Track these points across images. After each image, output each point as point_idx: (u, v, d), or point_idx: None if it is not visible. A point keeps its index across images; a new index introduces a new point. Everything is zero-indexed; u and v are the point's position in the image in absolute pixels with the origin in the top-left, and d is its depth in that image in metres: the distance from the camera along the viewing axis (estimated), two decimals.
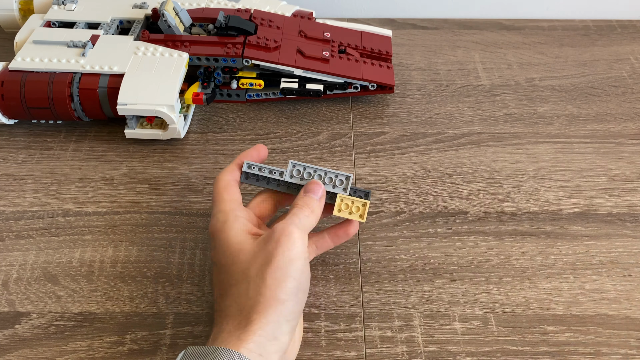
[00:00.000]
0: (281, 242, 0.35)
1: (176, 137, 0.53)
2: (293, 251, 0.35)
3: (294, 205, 0.39)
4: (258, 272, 0.34)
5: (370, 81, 0.56)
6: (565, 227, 0.47)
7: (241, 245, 0.36)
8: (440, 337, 0.40)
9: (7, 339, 0.39)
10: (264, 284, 0.33)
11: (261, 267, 0.34)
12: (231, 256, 0.36)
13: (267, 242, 0.35)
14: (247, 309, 0.33)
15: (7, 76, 0.51)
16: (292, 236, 0.35)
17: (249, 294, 0.34)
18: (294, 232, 0.36)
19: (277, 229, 0.36)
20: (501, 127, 0.55)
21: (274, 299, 0.33)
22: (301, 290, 0.35)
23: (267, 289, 0.33)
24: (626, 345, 0.39)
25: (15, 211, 0.47)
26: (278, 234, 0.35)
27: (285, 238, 0.35)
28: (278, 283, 0.34)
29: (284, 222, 0.36)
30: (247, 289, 0.34)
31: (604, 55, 0.64)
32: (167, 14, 0.54)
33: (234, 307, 0.34)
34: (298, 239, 0.36)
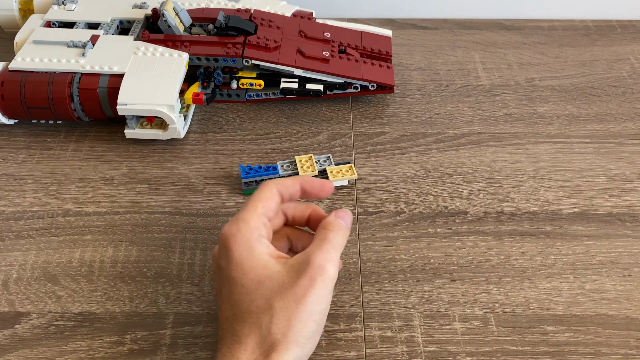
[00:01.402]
0: (315, 281, 0.33)
1: (176, 137, 0.53)
2: (324, 291, 0.34)
3: (327, 227, 0.36)
4: (284, 307, 0.33)
5: (370, 81, 0.56)
6: (565, 227, 0.47)
7: (267, 271, 0.34)
8: (440, 337, 0.40)
9: (7, 339, 0.39)
10: (289, 325, 0.32)
11: (288, 302, 0.33)
12: (256, 281, 0.34)
13: (299, 275, 0.33)
14: (266, 344, 0.32)
15: (7, 76, 0.51)
16: (328, 274, 0.34)
17: (271, 330, 0.32)
18: (330, 270, 0.34)
19: (314, 264, 0.34)
20: (501, 127, 0.55)
21: (294, 342, 0.32)
22: (319, 332, 0.35)
23: (291, 331, 0.32)
24: (626, 345, 0.39)
25: (15, 211, 0.47)
26: (314, 270, 0.33)
27: (321, 278, 0.33)
28: (302, 325, 0.33)
29: (321, 254, 0.34)
30: (269, 322, 0.33)
31: (604, 55, 0.64)
32: (167, 14, 0.54)
33: (253, 339, 0.33)
34: (332, 278, 0.34)
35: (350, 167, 0.49)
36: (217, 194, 0.49)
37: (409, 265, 0.44)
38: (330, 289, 0.34)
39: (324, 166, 0.49)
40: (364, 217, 0.47)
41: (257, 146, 0.53)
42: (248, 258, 0.34)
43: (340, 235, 0.36)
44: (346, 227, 0.38)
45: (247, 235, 0.35)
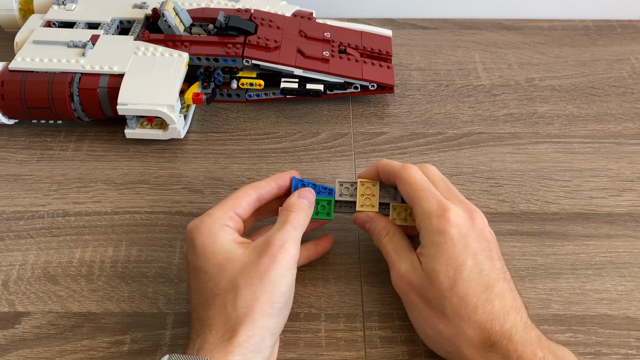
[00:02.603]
0: (276, 258, 0.34)
1: (176, 137, 0.53)
2: (286, 267, 0.35)
3: (288, 209, 0.38)
4: (248, 284, 0.33)
5: (370, 81, 0.56)
6: (565, 227, 0.47)
7: (229, 255, 0.35)
8: None
9: (7, 339, 0.39)
10: (254, 297, 0.33)
11: (252, 279, 0.34)
12: (217, 265, 0.35)
13: (261, 254, 0.34)
14: (232, 320, 0.33)
15: (7, 76, 0.51)
16: (288, 252, 0.35)
17: (236, 305, 0.33)
18: (291, 247, 0.35)
19: (274, 241, 0.35)
20: (501, 127, 0.55)
21: (261, 313, 0.33)
22: (287, 305, 0.35)
23: (256, 303, 0.33)
24: (626, 345, 0.39)
25: (15, 211, 0.47)
26: (274, 248, 0.35)
27: (281, 254, 0.34)
28: (267, 297, 0.33)
29: (281, 234, 0.35)
30: (234, 299, 0.33)
31: (604, 55, 0.64)
32: (167, 14, 0.54)
33: (219, 318, 0.33)
34: (293, 255, 0.35)
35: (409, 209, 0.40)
36: (217, 194, 0.49)
37: None
38: (293, 266, 0.35)
39: (386, 198, 0.41)
40: None
41: (257, 146, 0.53)
42: (210, 245, 0.35)
43: (301, 215, 0.38)
44: (308, 205, 0.39)
45: (209, 224, 0.36)
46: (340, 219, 0.47)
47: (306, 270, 0.43)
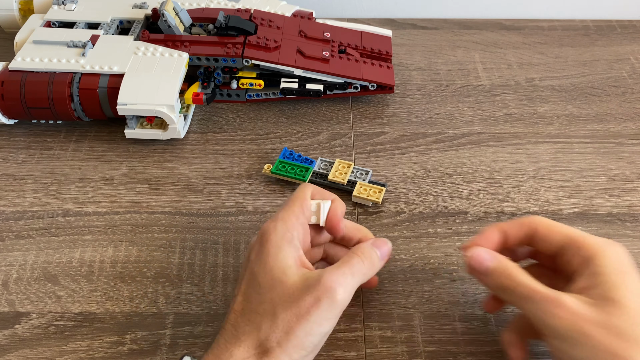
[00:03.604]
0: (320, 302, 0.32)
1: (176, 137, 0.53)
2: (327, 315, 0.33)
3: (356, 252, 0.35)
4: (285, 318, 0.32)
5: (370, 81, 0.56)
6: None
7: (285, 275, 0.33)
8: (440, 337, 0.40)
9: (7, 339, 0.39)
10: (287, 338, 0.32)
11: (291, 315, 0.32)
12: (271, 281, 0.33)
13: (308, 291, 0.32)
14: (262, 348, 0.32)
15: (7, 76, 0.51)
16: (335, 298, 0.32)
17: (269, 337, 0.32)
18: (339, 293, 0.32)
19: (324, 283, 0.32)
20: (501, 127, 0.55)
21: (287, 355, 0.32)
22: (314, 352, 0.34)
23: (287, 343, 0.32)
24: None
25: (15, 211, 0.47)
26: (321, 291, 0.32)
27: (327, 300, 0.32)
28: (298, 342, 0.32)
29: (334, 276, 0.33)
30: (269, 329, 0.32)
31: (604, 55, 0.64)
32: (167, 14, 0.54)
33: (252, 338, 0.32)
34: (340, 303, 0.33)
35: (381, 190, 0.47)
36: (217, 194, 0.49)
37: (409, 265, 0.44)
38: (336, 314, 0.33)
39: (358, 179, 0.49)
40: (364, 217, 0.47)
41: (257, 146, 0.53)
42: (274, 257, 0.34)
43: (366, 264, 0.35)
44: (379, 257, 0.36)
45: (281, 233, 0.34)
46: None
47: None
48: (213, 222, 0.47)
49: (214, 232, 0.46)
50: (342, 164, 0.49)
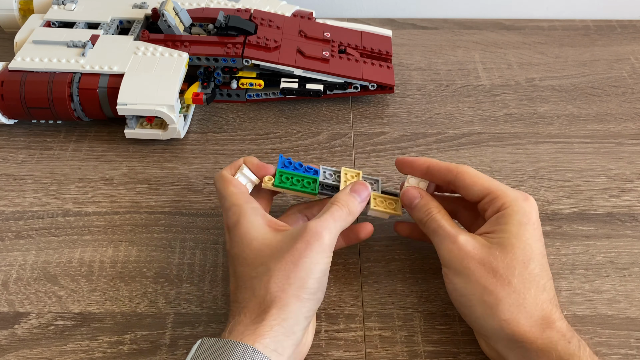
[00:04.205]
0: (311, 244, 0.35)
1: (176, 137, 0.53)
2: (321, 254, 0.35)
3: (334, 201, 0.38)
4: (282, 268, 0.34)
5: (370, 81, 0.56)
6: (565, 227, 0.46)
7: (264, 239, 0.36)
8: (440, 337, 0.40)
9: (7, 339, 0.39)
10: (288, 282, 0.34)
11: (287, 264, 0.34)
12: (254, 250, 0.35)
13: (296, 239, 0.35)
14: (266, 302, 0.33)
15: (7, 76, 0.51)
16: (323, 239, 0.35)
17: (269, 288, 0.34)
18: (326, 235, 0.35)
19: (310, 228, 0.35)
20: (501, 127, 0.55)
21: (295, 297, 0.33)
22: (320, 290, 0.36)
23: (290, 287, 0.34)
24: (626, 346, 0.39)
25: (15, 211, 0.47)
26: (309, 235, 0.35)
27: (316, 241, 0.35)
28: (301, 283, 0.34)
29: (319, 222, 0.36)
30: (268, 281, 0.34)
31: (604, 55, 0.64)
32: (167, 13, 0.54)
33: (253, 300, 0.34)
34: (328, 244, 0.36)
35: (397, 201, 0.42)
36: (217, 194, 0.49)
37: (409, 265, 0.44)
38: (328, 254, 0.36)
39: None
40: (364, 217, 0.47)
41: (257, 146, 0.53)
42: (246, 233, 0.36)
43: (345, 210, 0.38)
44: (358, 202, 0.39)
45: (237, 212, 0.37)
46: None
47: None
48: (213, 222, 0.47)
49: (214, 232, 0.46)
50: (349, 172, 0.43)
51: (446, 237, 0.37)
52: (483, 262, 0.36)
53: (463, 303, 0.36)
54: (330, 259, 0.36)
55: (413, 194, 0.41)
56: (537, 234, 0.37)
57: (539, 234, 0.37)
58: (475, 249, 0.36)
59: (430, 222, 0.39)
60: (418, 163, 0.41)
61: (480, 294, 0.35)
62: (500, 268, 0.35)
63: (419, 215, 0.40)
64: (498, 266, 0.35)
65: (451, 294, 0.38)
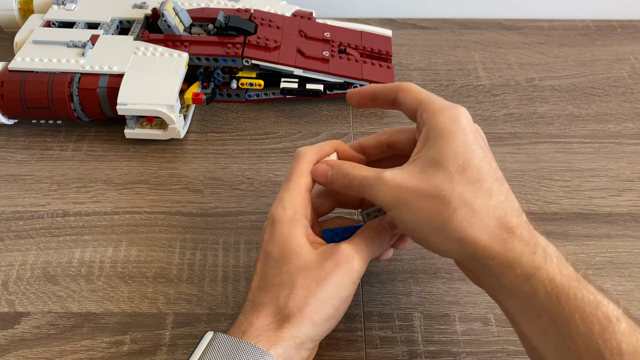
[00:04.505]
0: (340, 268, 0.34)
1: (176, 137, 0.53)
2: (347, 279, 0.34)
3: (370, 227, 0.37)
4: (305, 285, 0.33)
5: (370, 81, 0.56)
6: (565, 227, 0.46)
7: (299, 250, 0.35)
8: (440, 337, 0.40)
9: (7, 339, 0.39)
10: (306, 301, 0.33)
11: (310, 282, 0.33)
12: (286, 255, 0.34)
13: (326, 259, 0.34)
14: (282, 315, 0.33)
15: (6, 76, 0.51)
16: (352, 266, 0.34)
17: (288, 303, 0.33)
18: (356, 262, 0.34)
19: (342, 252, 0.34)
20: (501, 127, 0.55)
21: (309, 319, 0.33)
22: (335, 318, 0.35)
23: (307, 308, 0.33)
24: None
25: (15, 211, 0.47)
26: (340, 258, 0.34)
27: (346, 266, 0.34)
28: (319, 305, 0.33)
29: (351, 246, 0.35)
30: (288, 296, 0.33)
31: (604, 55, 0.64)
32: (167, 13, 0.54)
33: (270, 308, 0.33)
34: (357, 269, 0.35)
35: None
36: (217, 194, 0.49)
37: (409, 265, 0.44)
38: (354, 280, 0.34)
39: None
40: None
41: (257, 146, 0.53)
42: (286, 236, 0.35)
43: (377, 238, 0.37)
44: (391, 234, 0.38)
45: (290, 215, 0.35)
46: None
47: None
48: (213, 222, 0.47)
49: (214, 232, 0.46)
50: None
51: (372, 183, 0.35)
52: (418, 188, 0.33)
53: (418, 237, 0.34)
54: (356, 287, 0.35)
55: (322, 168, 0.38)
56: (469, 139, 0.33)
57: (472, 139, 0.34)
58: (405, 179, 0.33)
59: (352, 181, 0.36)
60: (365, 90, 0.39)
61: (428, 221, 0.32)
62: (437, 187, 0.32)
63: (339, 182, 0.37)
64: (434, 185, 0.32)
65: (406, 233, 0.35)
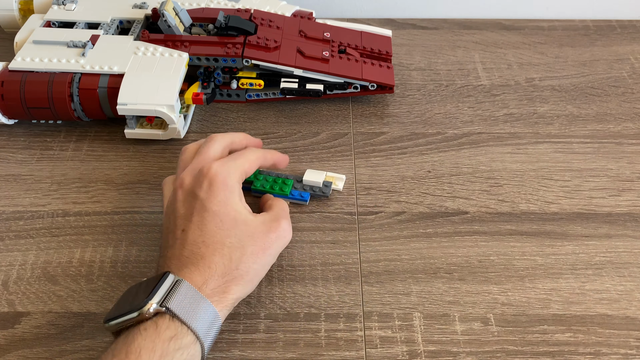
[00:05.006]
0: (280, 240, 0.41)
1: (176, 137, 0.53)
2: (280, 251, 0.41)
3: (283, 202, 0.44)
4: (253, 252, 0.38)
5: (370, 81, 0.56)
6: (565, 227, 0.47)
7: (243, 217, 0.39)
8: (440, 337, 0.40)
9: (7, 339, 0.39)
10: (253, 267, 0.38)
11: (258, 249, 0.39)
12: (233, 220, 0.39)
13: (269, 230, 0.40)
14: (230, 276, 0.37)
15: (7, 76, 0.51)
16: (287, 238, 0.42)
17: (239, 266, 0.37)
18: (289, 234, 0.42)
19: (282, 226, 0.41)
20: (501, 127, 0.55)
21: (250, 282, 0.38)
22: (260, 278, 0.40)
23: (252, 271, 0.38)
24: (626, 345, 0.39)
25: (15, 211, 0.47)
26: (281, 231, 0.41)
27: (284, 240, 0.41)
28: (260, 270, 0.39)
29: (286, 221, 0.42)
30: (239, 259, 0.37)
31: (604, 55, 0.64)
32: (167, 14, 0.54)
33: (222, 268, 0.37)
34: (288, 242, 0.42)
35: None
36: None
37: (409, 265, 0.44)
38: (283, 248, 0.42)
39: None
40: (364, 217, 0.47)
41: None
42: (231, 200, 0.40)
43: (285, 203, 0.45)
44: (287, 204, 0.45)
45: (232, 183, 0.40)
46: (341, 219, 0.47)
47: (306, 269, 0.43)
48: None
49: None
50: None
51: None
52: None
53: None
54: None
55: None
56: None
57: None
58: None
59: None
60: None
61: None
62: None
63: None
64: None
65: None
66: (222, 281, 0.36)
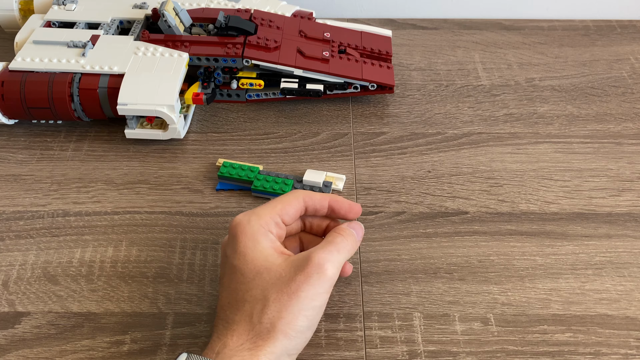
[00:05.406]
0: (310, 278, 0.34)
1: (176, 137, 0.53)
2: (319, 289, 0.34)
3: (338, 231, 0.37)
4: (277, 299, 0.33)
5: (370, 81, 0.56)
6: (565, 227, 0.47)
7: (268, 263, 0.34)
8: (440, 337, 0.40)
9: (7, 339, 0.39)
10: (279, 315, 0.33)
11: (282, 295, 0.33)
12: (255, 271, 0.34)
13: (297, 270, 0.34)
14: (255, 332, 0.33)
15: (7, 76, 0.51)
16: (325, 274, 0.34)
17: (261, 319, 0.33)
18: (329, 270, 0.34)
19: (313, 261, 0.34)
20: (501, 127, 0.55)
21: (282, 334, 0.33)
22: (310, 329, 0.35)
23: (280, 322, 0.33)
24: (626, 345, 0.39)
25: (15, 211, 0.47)
26: (311, 268, 0.34)
27: (317, 275, 0.34)
28: (292, 318, 0.33)
29: (322, 254, 0.35)
30: (261, 311, 0.33)
31: (604, 55, 0.64)
32: (167, 14, 0.54)
33: (244, 326, 0.33)
34: (331, 277, 0.34)
35: None
36: (217, 194, 0.49)
37: (409, 265, 0.44)
38: (327, 289, 0.34)
39: None
40: (364, 217, 0.47)
41: (257, 146, 0.53)
42: (252, 249, 0.35)
43: (348, 241, 0.37)
44: (357, 237, 0.38)
45: (256, 227, 0.36)
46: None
47: None
48: (213, 222, 0.47)
49: (214, 232, 0.46)
50: None
51: None
52: None
53: None
54: (329, 295, 0.35)
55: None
56: None
57: None
58: None
59: None
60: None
61: None
62: None
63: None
64: None
65: None
66: (245, 339, 0.33)
